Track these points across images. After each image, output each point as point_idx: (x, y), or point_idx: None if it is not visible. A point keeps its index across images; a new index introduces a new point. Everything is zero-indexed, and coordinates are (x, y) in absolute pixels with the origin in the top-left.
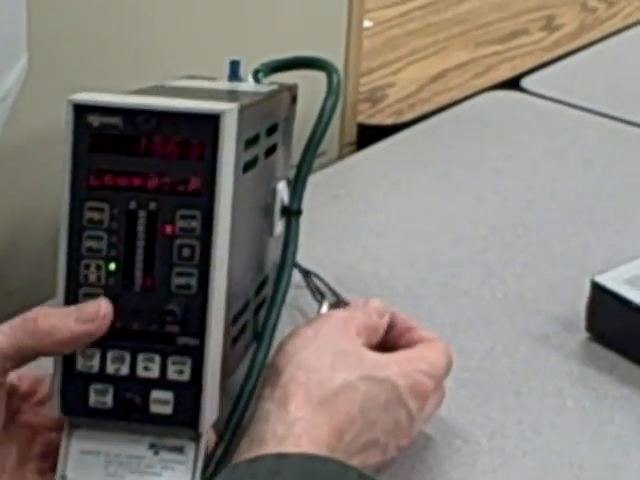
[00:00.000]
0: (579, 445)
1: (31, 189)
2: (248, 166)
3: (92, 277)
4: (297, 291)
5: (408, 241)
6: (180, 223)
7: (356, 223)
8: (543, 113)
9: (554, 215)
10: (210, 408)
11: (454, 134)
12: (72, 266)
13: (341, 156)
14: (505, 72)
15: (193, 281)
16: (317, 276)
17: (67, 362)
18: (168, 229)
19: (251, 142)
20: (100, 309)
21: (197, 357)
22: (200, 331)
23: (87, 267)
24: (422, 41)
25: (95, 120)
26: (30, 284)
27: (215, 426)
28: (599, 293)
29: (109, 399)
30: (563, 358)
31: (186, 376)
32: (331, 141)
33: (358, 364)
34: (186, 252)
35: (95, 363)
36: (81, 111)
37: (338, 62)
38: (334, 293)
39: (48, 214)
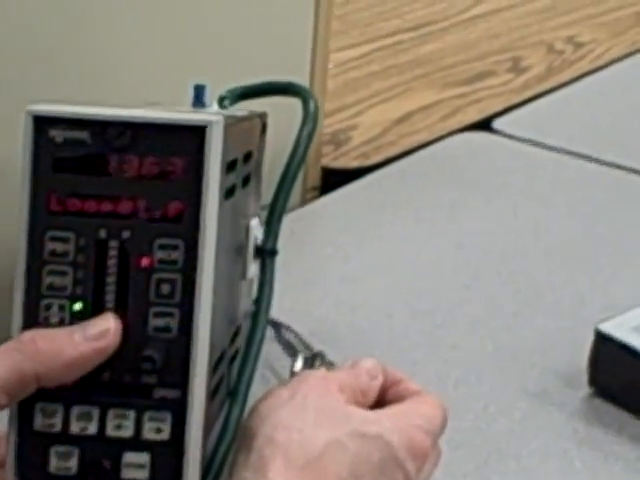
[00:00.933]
0: None
1: None
2: (227, 195)
3: (54, 319)
4: (266, 345)
5: (384, 289)
6: (159, 254)
7: (326, 271)
8: (518, 155)
9: (540, 261)
10: (193, 473)
11: (425, 177)
12: (31, 306)
13: (304, 202)
14: (473, 114)
15: (174, 322)
16: (289, 328)
17: (23, 420)
18: (144, 261)
19: (230, 167)
20: (110, 323)
21: (178, 412)
22: (182, 381)
23: (48, 308)
24: (383, 83)
25: (58, 135)
26: None
27: None
28: (604, 343)
29: (73, 464)
30: (566, 416)
31: (165, 435)
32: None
33: (344, 420)
34: (166, 288)
35: (57, 421)
36: (42, 124)
37: None
38: (307, 347)
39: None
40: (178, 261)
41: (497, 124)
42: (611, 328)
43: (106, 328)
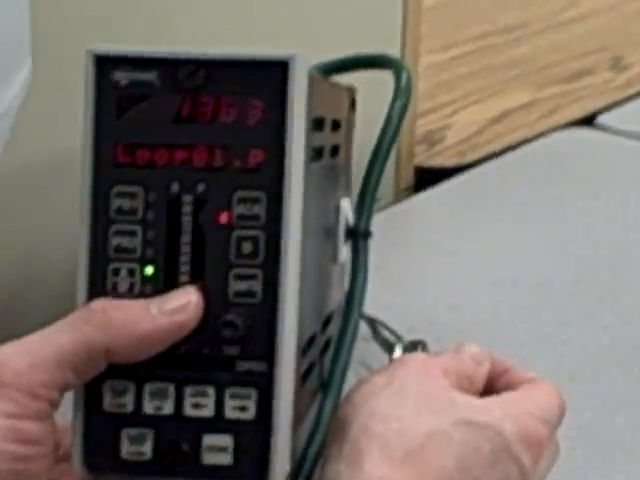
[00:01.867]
0: None
1: (38, 220)
2: (314, 156)
3: (123, 285)
4: (362, 344)
5: (487, 286)
6: (238, 209)
7: (424, 268)
8: (624, 150)
9: None
10: (282, 456)
11: (527, 173)
12: (96, 272)
13: (397, 202)
14: (574, 112)
15: (257, 286)
16: (385, 326)
17: (91, 400)
18: (223, 218)
19: (317, 125)
20: (191, 296)
21: (265, 388)
22: (268, 352)
23: (116, 272)
24: (477, 84)
25: (123, 77)
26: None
27: None
28: None
29: (147, 448)
30: None
31: (250, 414)
32: (385, 186)
33: (449, 407)
34: (247, 247)
35: (128, 400)
36: (105, 65)
37: None
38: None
39: (61, 246)
40: (260, 216)
41: (601, 120)
42: None
43: (187, 301)
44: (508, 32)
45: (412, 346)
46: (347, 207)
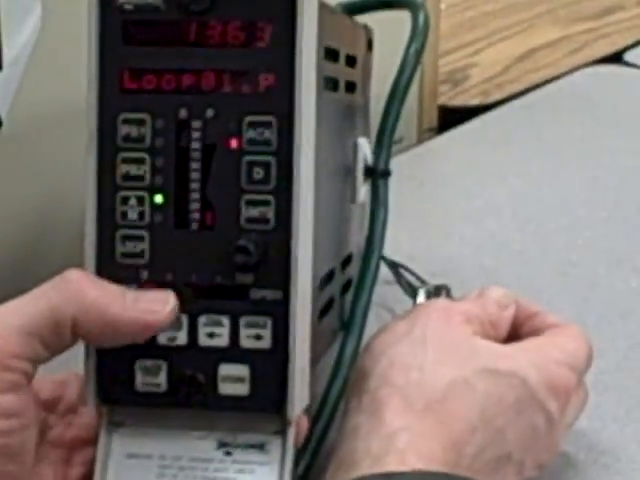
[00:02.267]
0: None
1: (50, 175)
2: (328, 85)
3: (132, 214)
4: (384, 287)
5: (513, 227)
6: (249, 134)
7: (448, 210)
8: None
9: None
10: (300, 388)
11: (553, 112)
12: (105, 201)
13: (420, 142)
14: (602, 48)
15: (270, 212)
16: (408, 269)
17: None
18: (233, 142)
19: (331, 55)
20: (168, 301)
21: (280, 315)
22: (282, 280)
23: (125, 201)
24: (502, 21)
25: (128, 1)
26: None
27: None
28: None
29: (162, 379)
30: None
31: (266, 342)
32: (408, 126)
33: (471, 355)
34: (259, 172)
35: None
36: None
37: None
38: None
39: (73, 204)
40: (271, 141)
41: (629, 56)
42: None
43: (162, 305)
44: None
45: (435, 291)
46: (365, 146)
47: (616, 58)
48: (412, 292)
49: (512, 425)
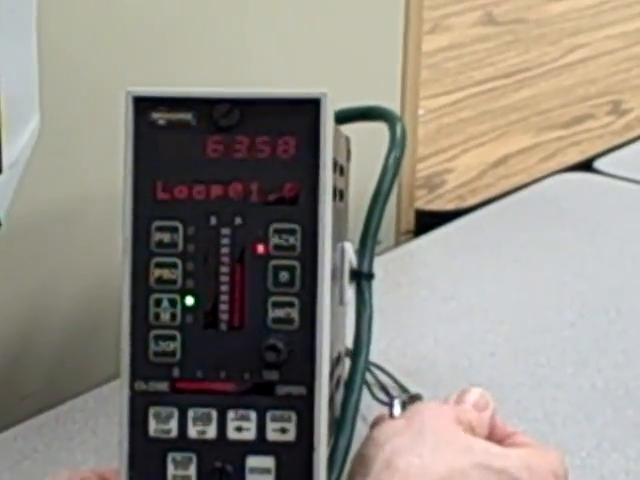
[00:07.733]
0: None
1: (48, 270)
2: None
3: (165, 316)
4: None
5: (485, 329)
6: (275, 240)
7: (423, 311)
8: (621, 194)
9: None
10: (324, 475)
11: (525, 217)
12: (139, 303)
13: (398, 245)
14: (574, 156)
15: (294, 312)
16: (382, 369)
17: (136, 426)
18: (260, 248)
19: (335, 166)
20: None
21: (304, 410)
22: (307, 377)
23: (158, 303)
24: (477, 128)
25: (161, 117)
26: (46, 386)
27: None
28: None
29: (192, 471)
30: None
31: (291, 435)
32: (386, 229)
33: (466, 450)
34: (284, 276)
35: (173, 426)
36: (143, 106)
37: None
38: (403, 388)
39: (68, 300)
40: (296, 247)
41: (599, 164)
42: None
43: None
44: (509, 77)
45: (410, 400)
46: (350, 250)
47: (586, 165)
48: (387, 396)
49: None
